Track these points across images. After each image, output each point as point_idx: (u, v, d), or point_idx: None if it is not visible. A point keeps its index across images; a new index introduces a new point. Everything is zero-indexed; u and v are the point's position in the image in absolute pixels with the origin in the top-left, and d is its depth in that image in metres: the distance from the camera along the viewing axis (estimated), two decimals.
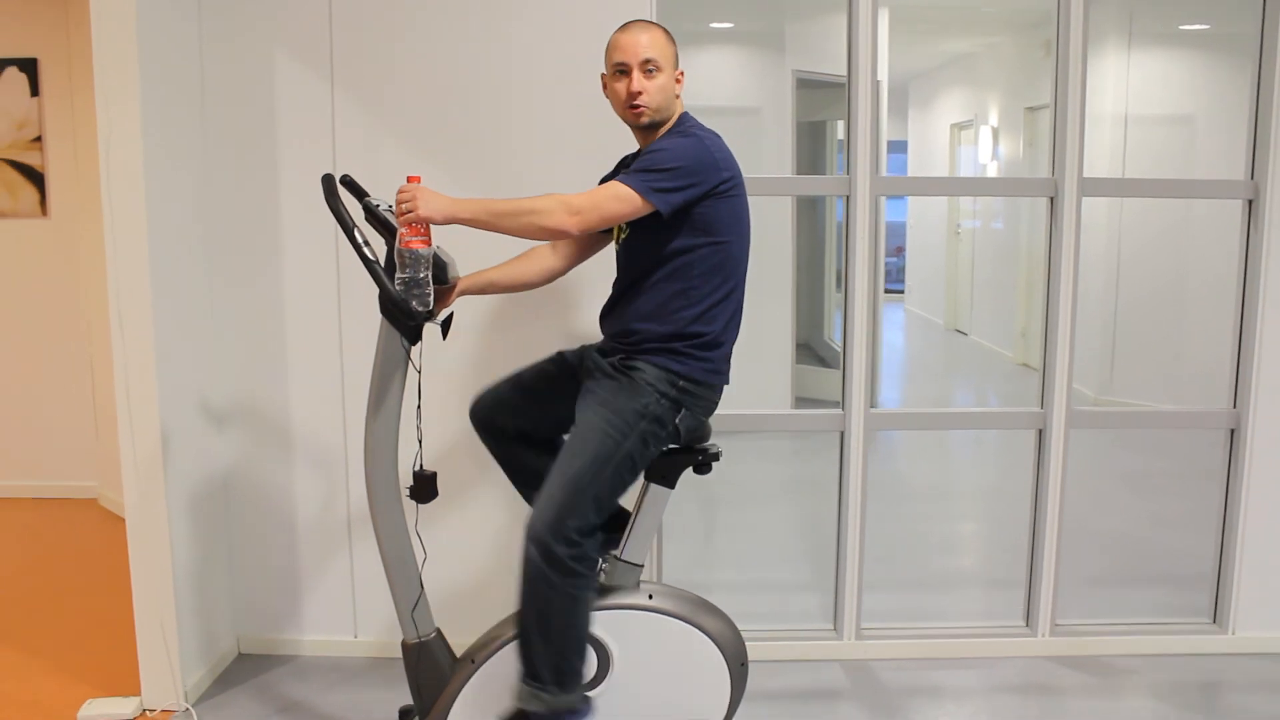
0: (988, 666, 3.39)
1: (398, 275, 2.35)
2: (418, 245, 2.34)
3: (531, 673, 2.47)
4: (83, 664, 3.34)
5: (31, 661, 3.38)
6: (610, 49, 2.51)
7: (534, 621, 2.44)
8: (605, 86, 2.55)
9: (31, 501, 5.12)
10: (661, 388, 2.47)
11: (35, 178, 5.00)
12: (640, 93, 2.45)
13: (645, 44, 2.46)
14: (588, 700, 2.57)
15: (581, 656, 2.50)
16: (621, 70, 2.48)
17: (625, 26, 2.51)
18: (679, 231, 2.45)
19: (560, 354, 2.74)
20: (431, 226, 2.34)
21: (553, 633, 2.43)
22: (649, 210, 2.38)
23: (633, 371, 2.49)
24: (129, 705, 3.04)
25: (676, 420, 2.51)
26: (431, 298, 2.38)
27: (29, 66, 4.92)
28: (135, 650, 3.08)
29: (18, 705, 3.10)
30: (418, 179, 2.36)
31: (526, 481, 2.73)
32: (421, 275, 2.35)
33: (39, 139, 4.97)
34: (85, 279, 4.93)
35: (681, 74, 2.55)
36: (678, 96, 2.55)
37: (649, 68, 2.45)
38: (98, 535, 4.59)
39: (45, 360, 5.08)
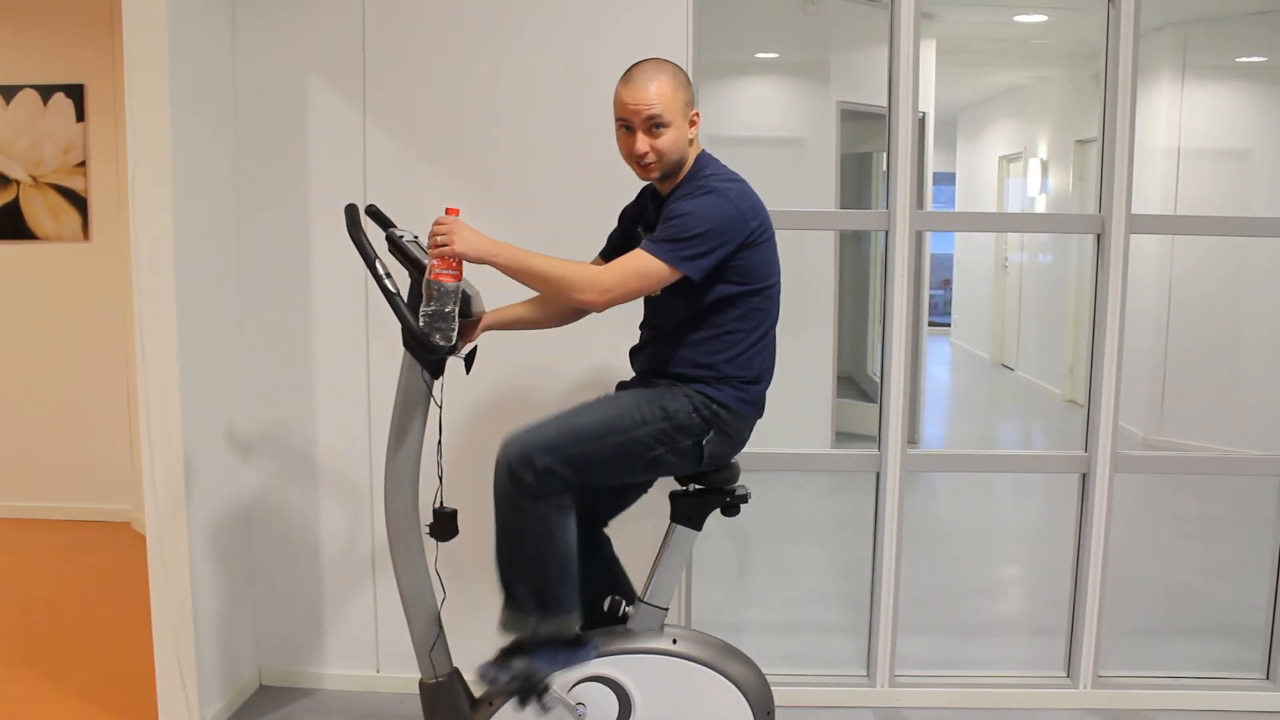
0: (1026, 718, 3.27)
1: (423, 308, 2.31)
2: (447, 280, 2.29)
3: (512, 600, 2.42)
4: (104, 691, 3.32)
5: (53, 687, 3.36)
6: (614, 101, 2.41)
7: (506, 546, 2.41)
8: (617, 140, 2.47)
9: (66, 523, 5.13)
10: (696, 403, 2.43)
11: (78, 202, 5.04)
12: (647, 152, 2.37)
13: (650, 100, 2.35)
14: (584, 638, 2.49)
15: (565, 583, 2.42)
16: (626, 127, 2.40)
17: (629, 76, 2.40)
18: (710, 283, 2.39)
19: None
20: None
21: (527, 557, 2.39)
22: (678, 278, 2.34)
23: (672, 385, 2.45)
24: None
25: (704, 441, 2.44)
26: (455, 333, 2.34)
27: (75, 92, 4.98)
28: (155, 679, 3.05)
29: None
30: (456, 211, 2.32)
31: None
32: (448, 309, 2.31)
33: (83, 164, 5.02)
34: (124, 304, 4.96)
35: (697, 115, 2.44)
36: (692, 141, 2.45)
37: (654, 124, 2.36)
38: (129, 559, 4.59)
39: (84, 383, 5.11)
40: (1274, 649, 3.37)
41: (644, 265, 2.31)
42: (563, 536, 2.40)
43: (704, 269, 2.33)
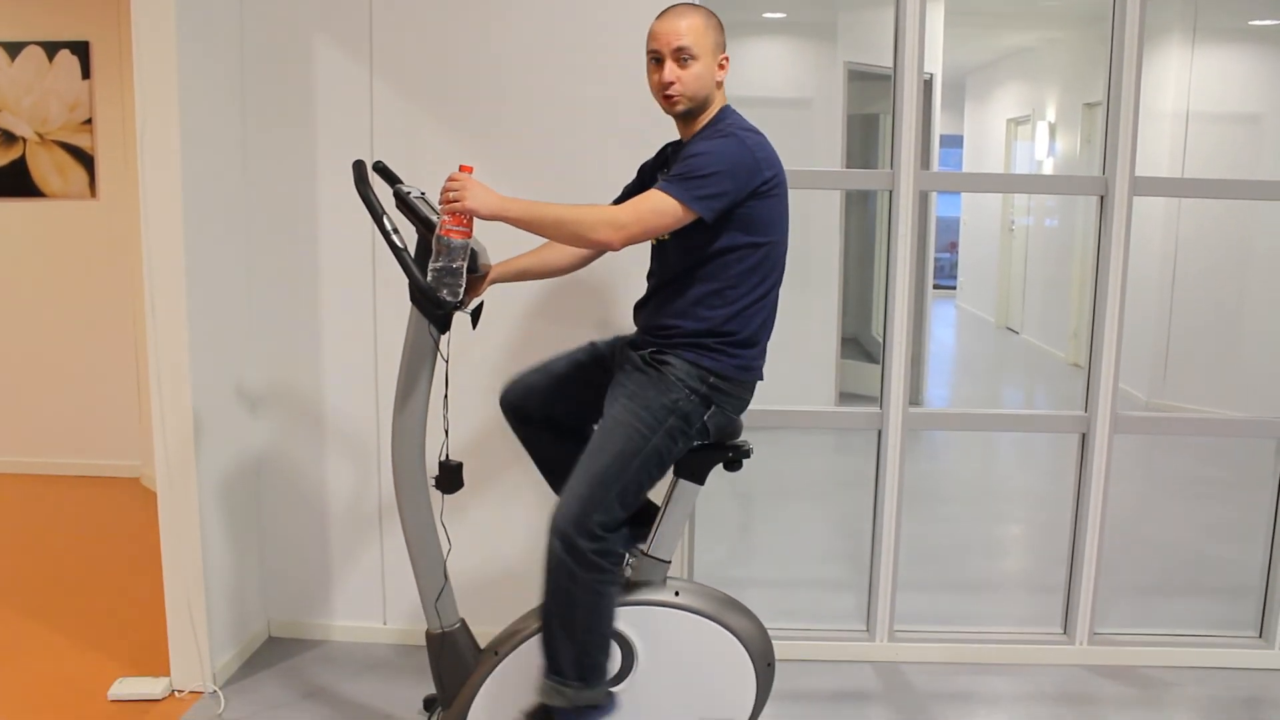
0: (1022, 674, 3.32)
1: (431, 263, 2.33)
2: (457, 236, 2.31)
3: (554, 667, 2.45)
4: (115, 643, 3.37)
5: (66, 640, 3.41)
6: (648, 36, 2.46)
7: (556, 615, 2.42)
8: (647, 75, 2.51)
9: (75, 479, 5.19)
10: (691, 383, 2.44)
11: (85, 160, 5.05)
12: (673, 82, 2.40)
13: (681, 31, 2.39)
14: (611, 696, 2.55)
15: (605, 651, 2.48)
16: (656, 59, 2.43)
17: (664, 13, 2.45)
18: (718, 231, 2.40)
19: (593, 344, 2.72)
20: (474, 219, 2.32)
21: (576, 627, 2.41)
22: (692, 218, 2.34)
23: (663, 366, 2.46)
24: (158, 685, 3.06)
25: (705, 417, 2.47)
26: (463, 288, 2.36)
27: (81, 49, 4.97)
28: (166, 631, 3.10)
29: (51, 682, 3.14)
30: (470, 169, 2.33)
31: (553, 470, 2.71)
32: (456, 265, 2.32)
33: (89, 121, 5.02)
34: (132, 261, 4.98)
35: (726, 59, 2.47)
36: (720, 85, 2.48)
37: (683, 56, 2.39)
38: (138, 514, 4.64)
39: (92, 340, 5.15)
40: (1267, 608, 3.41)
41: (658, 203, 2.32)
42: (609, 608, 2.45)
43: (716, 210, 2.34)
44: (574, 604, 2.40)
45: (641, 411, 2.42)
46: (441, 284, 2.33)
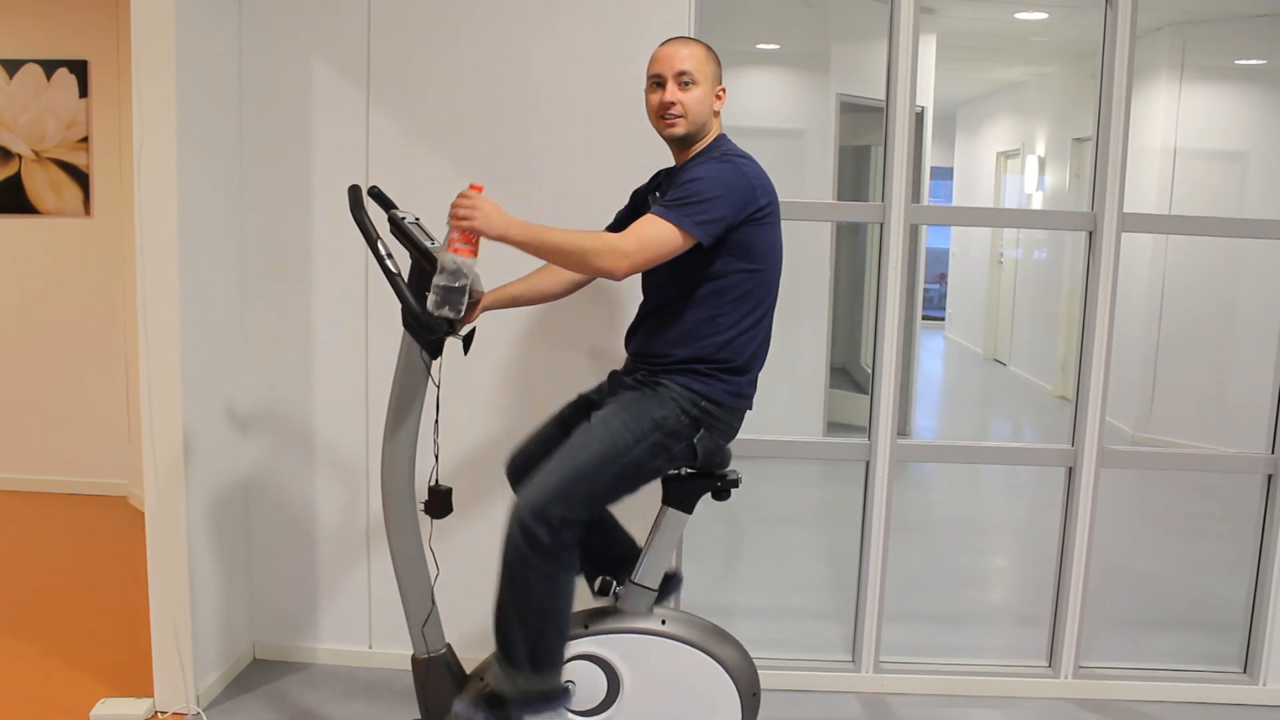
0: (1007, 706, 3.33)
1: (436, 280, 2.32)
2: (465, 254, 2.31)
3: (506, 654, 2.45)
4: (99, 663, 3.36)
5: (49, 658, 3.40)
6: (650, 61, 2.50)
7: (510, 601, 2.42)
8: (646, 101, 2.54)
9: (62, 496, 5.17)
10: (683, 404, 2.45)
11: (80, 178, 5.06)
12: (674, 102, 2.44)
13: (684, 57, 2.45)
14: (566, 689, 2.53)
15: (558, 640, 2.47)
16: (657, 82, 2.47)
17: (667, 41, 2.51)
18: (712, 257, 2.42)
19: (581, 396, 2.72)
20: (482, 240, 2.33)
21: (529, 614, 2.41)
22: (692, 244, 2.36)
23: (657, 386, 2.47)
24: (141, 706, 3.04)
25: (695, 440, 2.48)
26: (464, 307, 2.35)
27: (79, 68, 4.99)
28: (150, 651, 3.09)
29: (33, 701, 3.12)
30: (480, 188, 2.33)
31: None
32: (458, 285, 2.32)
33: (86, 140, 5.04)
34: (124, 279, 4.99)
35: (723, 91, 2.52)
36: (716, 114, 2.53)
37: (684, 79, 2.44)
38: (124, 533, 4.62)
39: (83, 358, 5.14)
40: (1252, 643, 3.42)
41: (658, 229, 2.33)
42: (566, 596, 2.44)
43: (714, 235, 2.36)
44: (528, 590, 2.39)
45: (630, 421, 2.43)
46: (445, 301, 2.32)
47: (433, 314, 2.35)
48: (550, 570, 2.38)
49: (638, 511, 2.70)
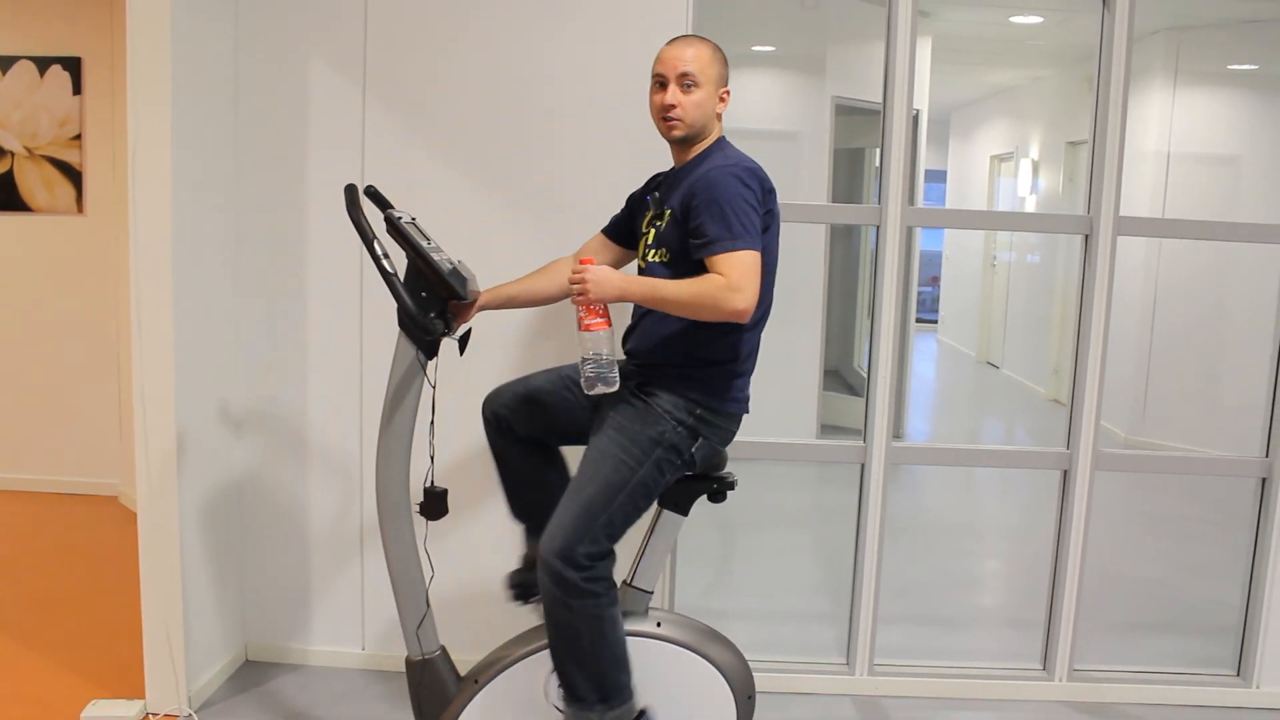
0: (1001, 709, 3.33)
1: (581, 365, 2.32)
2: (599, 327, 2.32)
3: (574, 695, 2.45)
4: (91, 663, 3.34)
5: (40, 659, 3.38)
6: (655, 60, 2.49)
7: (562, 648, 2.42)
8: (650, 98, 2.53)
9: (53, 496, 5.15)
10: (679, 415, 2.44)
11: (73, 175, 5.04)
12: (673, 106, 2.43)
13: (687, 59, 2.43)
14: (644, 713, 2.53)
15: (621, 670, 2.47)
16: (660, 82, 2.46)
17: (673, 40, 2.50)
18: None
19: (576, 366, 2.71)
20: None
21: (584, 653, 2.41)
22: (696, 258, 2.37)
23: (650, 398, 2.46)
24: (133, 708, 3.03)
25: (693, 449, 2.47)
26: (617, 377, 2.34)
27: (72, 65, 4.97)
28: (142, 652, 3.07)
29: (24, 702, 3.10)
30: (591, 261, 2.36)
31: (517, 491, 2.73)
32: (605, 355, 2.32)
33: (79, 137, 5.02)
34: (116, 278, 4.97)
35: (727, 93, 2.51)
36: (719, 116, 2.52)
37: (686, 82, 2.43)
38: (115, 533, 4.61)
39: (74, 357, 5.12)
40: (1245, 647, 3.43)
41: (742, 259, 2.30)
42: (614, 628, 2.44)
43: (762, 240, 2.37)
44: (576, 632, 2.40)
45: (628, 444, 2.43)
46: (599, 380, 2.32)
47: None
48: (590, 608, 2.38)
49: None
